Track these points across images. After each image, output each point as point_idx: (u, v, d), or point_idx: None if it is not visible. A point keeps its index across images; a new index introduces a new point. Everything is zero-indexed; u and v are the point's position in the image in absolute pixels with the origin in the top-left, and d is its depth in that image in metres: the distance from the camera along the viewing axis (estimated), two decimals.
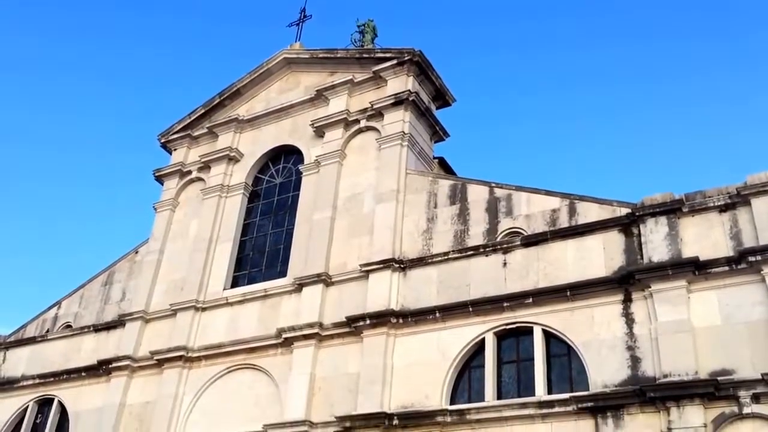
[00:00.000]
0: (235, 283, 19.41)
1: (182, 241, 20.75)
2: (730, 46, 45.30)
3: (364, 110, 19.18)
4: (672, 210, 13.89)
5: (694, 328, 12.79)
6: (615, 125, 48.51)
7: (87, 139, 52.16)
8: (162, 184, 22.32)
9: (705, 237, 13.51)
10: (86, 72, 52.22)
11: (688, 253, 13.44)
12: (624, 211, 14.59)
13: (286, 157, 20.83)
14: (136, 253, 21.83)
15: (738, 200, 13.43)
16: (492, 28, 50.92)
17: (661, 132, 47.66)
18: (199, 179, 21.68)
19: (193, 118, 22.53)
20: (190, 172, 21.93)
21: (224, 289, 19.17)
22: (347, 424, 14.96)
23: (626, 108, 47.25)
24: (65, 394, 20.07)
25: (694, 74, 46.84)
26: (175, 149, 22.69)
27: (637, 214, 14.17)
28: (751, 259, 12.68)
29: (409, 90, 18.58)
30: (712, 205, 13.66)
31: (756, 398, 11.84)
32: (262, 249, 19.69)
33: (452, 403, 14.59)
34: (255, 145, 21.27)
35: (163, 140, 22.89)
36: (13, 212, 50.81)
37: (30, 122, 50.95)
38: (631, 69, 47.66)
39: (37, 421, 20.50)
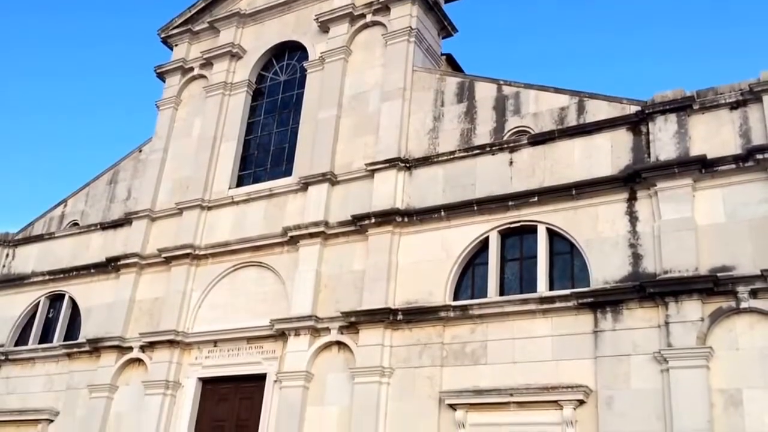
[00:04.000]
0: (240, 182, 19.42)
1: (186, 140, 20.61)
2: None
3: (370, 4, 18.57)
4: (682, 107, 13.67)
5: (697, 226, 12.84)
6: (630, 20, 46.95)
7: (88, 34, 51.02)
8: (164, 82, 21.97)
9: (714, 135, 13.36)
10: None
11: (696, 151, 13.32)
12: (634, 109, 14.37)
13: (290, 53, 20.36)
14: (140, 151, 21.76)
15: (750, 97, 13.19)
16: None
17: (679, 27, 46.15)
18: (202, 76, 21.28)
19: (193, 12, 21.89)
20: (192, 69, 21.52)
21: (229, 188, 19.20)
22: (352, 319, 15.31)
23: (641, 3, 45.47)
24: (75, 290, 20.49)
25: None
26: (176, 45, 22.17)
27: (646, 111, 13.96)
28: (759, 156, 12.58)
29: None
30: (723, 102, 13.42)
31: (754, 293, 12.01)
32: (267, 148, 19.57)
33: (455, 299, 14.85)
34: (258, 40, 20.75)
35: (163, 35, 22.30)
36: (15, 109, 50.39)
37: (30, 18, 49.74)
38: None
39: (50, 315, 21.06)
